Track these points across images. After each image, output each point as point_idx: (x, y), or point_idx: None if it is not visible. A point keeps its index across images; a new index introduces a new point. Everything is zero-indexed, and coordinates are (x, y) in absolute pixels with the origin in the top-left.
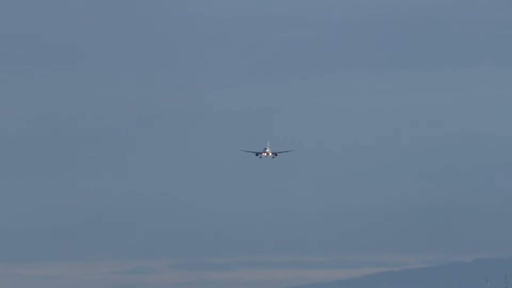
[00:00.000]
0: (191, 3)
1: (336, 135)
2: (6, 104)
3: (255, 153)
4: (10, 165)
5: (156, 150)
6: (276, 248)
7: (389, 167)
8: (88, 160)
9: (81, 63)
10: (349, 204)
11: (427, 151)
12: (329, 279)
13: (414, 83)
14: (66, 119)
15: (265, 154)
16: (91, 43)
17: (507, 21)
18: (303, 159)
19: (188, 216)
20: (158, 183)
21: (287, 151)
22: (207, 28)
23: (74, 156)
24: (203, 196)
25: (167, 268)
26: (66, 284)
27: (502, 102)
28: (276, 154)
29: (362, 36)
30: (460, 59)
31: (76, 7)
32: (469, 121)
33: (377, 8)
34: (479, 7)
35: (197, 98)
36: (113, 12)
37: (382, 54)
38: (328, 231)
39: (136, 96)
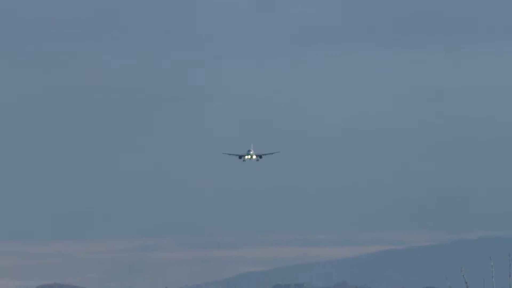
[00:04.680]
0: None
1: (342, 115)
2: (13, 84)
3: (238, 156)
4: (19, 143)
5: (165, 131)
6: (282, 227)
7: (393, 147)
8: (96, 140)
9: (95, 43)
10: (354, 183)
11: (432, 132)
12: (334, 257)
13: (420, 63)
14: (74, 100)
15: (249, 156)
16: (95, 24)
17: None
18: (309, 138)
19: (195, 195)
20: (166, 162)
21: (272, 153)
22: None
23: (81, 137)
24: (209, 176)
25: (174, 246)
26: (73, 262)
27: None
28: (260, 157)
29: (368, 14)
30: (474, 39)
31: None
32: (470, 103)
33: None
34: None
35: (188, 76)
36: None
37: (385, 34)
38: (333, 209)
39: (145, 78)
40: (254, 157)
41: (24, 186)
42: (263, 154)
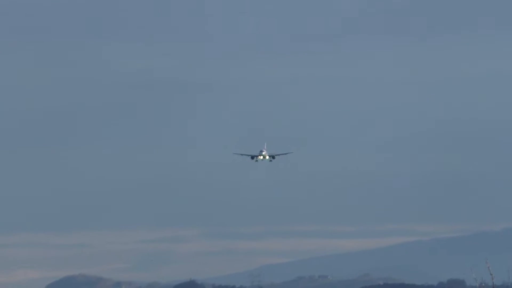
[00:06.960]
0: None
1: (363, 107)
2: (34, 75)
3: (250, 156)
4: (42, 136)
5: (187, 122)
6: (305, 218)
7: (417, 138)
8: (119, 131)
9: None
10: (378, 175)
11: (454, 123)
12: (357, 249)
13: (421, 53)
14: (95, 90)
15: (261, 157)
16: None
17: None
18: (330, 130)
19: (218, 187)
20: (191, 152)
21: (285, 153)
22: None
23: (105, 127)
24: (232, 167)
25: (198, 238)
26: (97, 252)
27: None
28: (273, 157)
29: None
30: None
31: None
32: (493, 93)
33: None
34: None
35: (205, 69)
36: None
37: (385, 22)
38: (356, 201)
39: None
40: (267, 157)
41: (49, 177)
42: (276, 155)
